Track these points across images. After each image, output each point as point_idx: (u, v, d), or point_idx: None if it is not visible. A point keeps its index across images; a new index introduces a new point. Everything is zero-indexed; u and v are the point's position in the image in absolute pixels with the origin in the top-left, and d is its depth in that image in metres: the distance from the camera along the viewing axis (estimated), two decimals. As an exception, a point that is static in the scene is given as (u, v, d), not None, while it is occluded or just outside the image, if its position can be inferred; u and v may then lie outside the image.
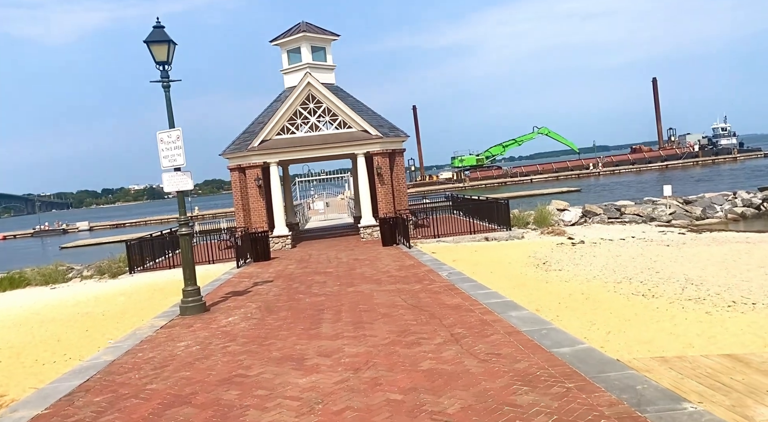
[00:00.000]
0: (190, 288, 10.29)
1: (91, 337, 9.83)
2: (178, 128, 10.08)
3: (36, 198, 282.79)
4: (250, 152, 21.64)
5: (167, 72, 9.98)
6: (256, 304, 10.65)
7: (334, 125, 22.21)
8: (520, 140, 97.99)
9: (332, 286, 11.90)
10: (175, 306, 11.34)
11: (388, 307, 9.10)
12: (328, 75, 23.40)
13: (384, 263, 14.72)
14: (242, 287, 13.23)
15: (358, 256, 17.09)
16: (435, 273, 12.07)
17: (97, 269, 22.30)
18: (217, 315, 9.93)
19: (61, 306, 14.32)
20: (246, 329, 8.56)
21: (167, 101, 10.06)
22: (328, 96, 21.81)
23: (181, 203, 10.56)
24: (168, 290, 14.88)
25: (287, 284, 12.78)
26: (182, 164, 10.21)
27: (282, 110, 21.77)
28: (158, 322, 9.80)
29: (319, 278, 13.34)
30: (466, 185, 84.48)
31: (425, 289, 10.33)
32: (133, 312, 12.09)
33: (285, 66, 23.66)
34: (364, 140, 21.93)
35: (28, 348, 9.50)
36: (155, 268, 20.46)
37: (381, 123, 23.06)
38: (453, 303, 8.83)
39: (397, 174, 23.15)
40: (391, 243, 19.26)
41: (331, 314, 9.04)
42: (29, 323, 12.27)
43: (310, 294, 11.11)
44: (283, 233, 22.00)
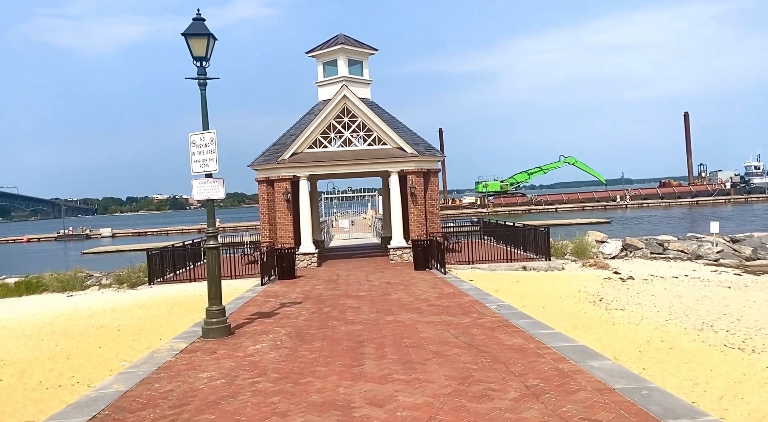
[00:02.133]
0: (214, 308, 9.28)
1: (103, 357, 8.85)
2: (213, 130, 9.20)
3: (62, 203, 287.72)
4: (280, 164, 20.82)
5: (204, 69, 9.15)
6: (285, 329, 9.59)
7: (368, 140, 21.33)
8: (546, 168, 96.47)
9: (368, 313, 10.80)
10: (196, 326, 10.34)
11: (438, 343, 7.96)
12: (364, 89, 22.63)
13: (420, 289, 13.59)
14: (268, 307, 12.20)
15: (390, 279, 15.98)
16: (481, 305, 10.90)
17: (116, 278, 21.51)
18: (243, 340, 8.89)
19: (75, 317, 13.44)
20: (277, 360, 7.48)
21: (203, 101, 9.21)
22: (364, 110, 20.98)
23: (211, 213, 9.63)
24: (188, 306, 13.93)
25: (317, 308, 11.71)
26: (214, 170, 9.30)
27: (315, 122, 20.97)
28: (178, 344, 8.79)
29: (352, 302, 12.26)
30: (489, 210, 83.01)
31: (476, 324, 9.17)
32: (151, 329, 11.13)
33: (320, 78, 22.95)
34: (398, 158, 20.99)
35: (34, 365, 8.55)
36: (175, 280, 19.58)
37: (417, 141, 22.13)
38: (514, 344, 7.66)
39: (431, 195, 22.10)
40: (424, 267, 18.14)
41: (373, 348, 7.93)
42: (40, 334, 11.38)
43: (345, 321, 10.02)
44: (310, 251, 21.01)
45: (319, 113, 21.21)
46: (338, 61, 22.04)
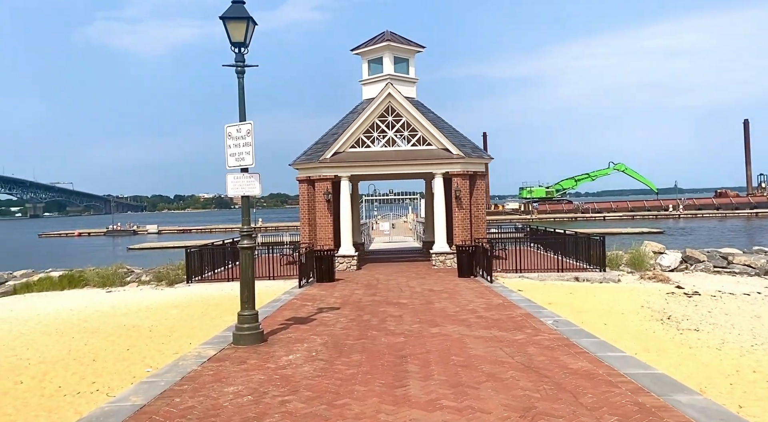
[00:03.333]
0: (246, 313, 8.65)
1: (129, 361, 8.33)
2: (249, 121, 8.58)
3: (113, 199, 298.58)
4: (321, 163, 20.25)
5: (243, 55, 8.55)
6: (321, 338, 8.86)
7: (412, 140, 20.52)
8: (594, 174, 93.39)
9: (410, 323, 9.97)
10: (228, 330, 9.75)
11: (491, 363, 7.06)
12: (410, 88, 21.85)
13: (466, 299, 12.66)
14: (305, 312, 11.53)
15: (432, 287, 15.11)
16: (535, 319, 9.91)
17: (155, 275, 21.38)
18: (276, 349, 8.20)
19: (110, 314, 13.13)
20: (311, 375, 6.74)
21: (240, 89, 8.61)
22: (409, 109, 20.19)
23: (246, 211, 9.02)
24: (223, 307, 13.44)
25: (356, 315, 10.95)
26: (250, 165, 8.68)
27: (359, 121, 20.31)
28: (206, 351, 8.18)
29: (393, 310, 11.45)
30: (533, 217, 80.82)
31: (532, 341, 8.21)
32: (182, 331, 10.62)
33: (365, 76, 22.31)
34: (443, 159, 20.10)
35: (57, 367, 8.10)
36: (213, 279, 19.25)
37: (463, 142, 21.19)
38: (580, 368, 6.69)
39: (477, 199, 21.10)
40: (469, 275, 17.17)
41: (417, 365, 7.10)
42: (72, 332, 11.04)
43: (386, 332, 9.22)
44: (350, 253, 20.34)
45: (362, 112, 20.56)
46: (384, 58, 21.35)
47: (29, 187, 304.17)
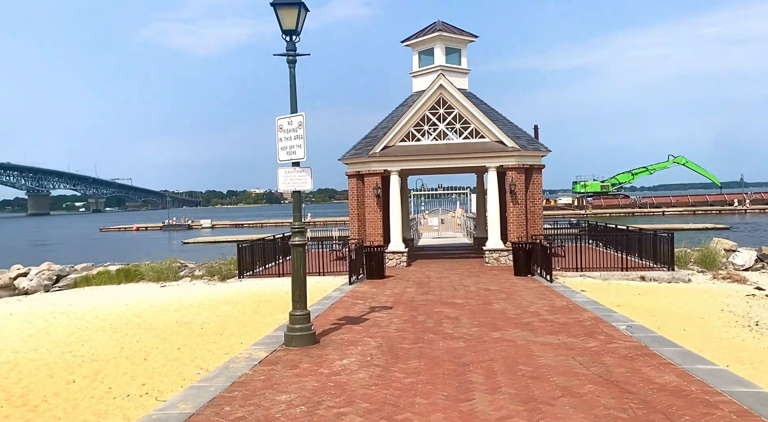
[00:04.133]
0: (298, 313, 8.28)
1: (179, 361, 8.12)
2: (301, 113, 8.18)
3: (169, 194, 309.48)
4: (370, 158, 19.82)
5: (294, 44, 8.15)
6: (375, 341, 8.41)
7: (464, 133, 19.80)
8: (653, 168, 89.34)
9: (468, 326, 9.38)
10: (280, 329, 9.44)
11: (564, 375, 6.41)
12: (462, 79, 21.10)
13: (526, 299, 11.95)
14: (356, 311, 11.12)
15: (488, 285, 14.43)
16: (606, 324, 9.13)
17: (208, 269, 21.55)
18: (329, 352, 7.80)
19: (163, 310, 13.13)
20: (367, 383, 6.28)
21: (291, 80, 8.22)
22: (461, 101, 19.47)
23: (297, 207, 8.65)
24: (274, 303, 13.23)
25: (410, 316, 10.45)
26: (302, 159, 8.29)
27: (409, 114, 19.75)
28: (257, 352, 7.86)
29: (448, 310, 10.88)
30: (587, 212, 78.14)
31: (607, 350, 7.48)
32: (233, 329, 10.41)
33: (415, 68, 21.73)
34: (498, 152, 19.29)
35: (109, 366, 7.97)
36: (264, 274, 19.18)
37: (518, 134, 20.29)
38: (668, 383, 5.95)
39: (533, 193, 20.18)
40: (526, 273, 16.38)
41: (481, 374, 6.52)
42: (126, 328, 11.02)
43: (443, 335, 8.67)
44: (399, 250, 19.86)
45: (412, 105, 19.98)
46: (435, 49, 20.70)
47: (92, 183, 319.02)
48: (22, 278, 26.10)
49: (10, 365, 8.33)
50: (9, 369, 8.05)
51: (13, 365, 8.33)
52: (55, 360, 8.54)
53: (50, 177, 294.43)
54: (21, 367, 8.15)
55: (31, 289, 23.68)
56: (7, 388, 7.10)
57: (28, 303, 15.90)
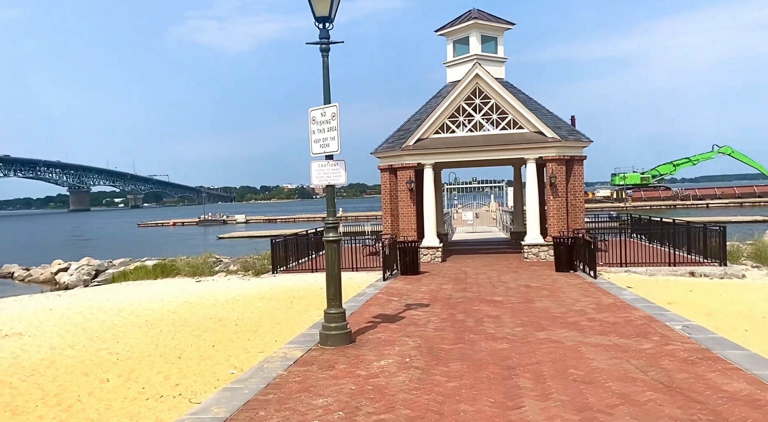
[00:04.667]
0: (333, 311, 7.99)
1: (213, 360, 7.94)
2: (335, 103, 7.86)
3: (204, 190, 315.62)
4: (403, 151, 19.42)
5: (327, 31, 7.82)
6: (413, 340, 8.05)
7: (501, 124, 19.20)
8: (696, 159, 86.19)
9: (511, 325, 8.93)
10: (314, 327, 9.18)
11: (619, 380, 5.93)
12: (498, 68, 20.46)
13: (570, 297, 11.40)
14: (392, 309, 10.79)
15: (528, 282, 13.90)
16: (660, 323, 8.56)
17: (242, 264, 21.59)
18: (366, 352, 7.48)
19: (198, 306, 13.08)
20: (407, 387, 5.94)
21: (324, 69, 7.89)
22: (499, 90, 18.87)
23: (331, 202, 8.34)
24: (308, 299, 13.03)
25: (448, 314, 10.06)
26: (335, 151, 7.97)
27: (444, 105, 19.25)
28: (292, 351, 7.61)
29: (488, 309, 10.45)
30: (627, 205, 75.93)
31: (664, 352, 6.95)
32: (268, 326, 10.22)
33: (449, 58, 21.19)
34: (537, 143, 18.64)
35: (143, 364, 7.84)
36: (298, 269, 19.05)
37: (558, 124, 19.57)
38: (739, 392, 5.42)
39: (574, 186, 19.45)
40: (568, 269, 15.76)
41: (529, 379, 6.10)
42: (161, 324, 10.96)
43: (485, 335, 8.25)
44: (434, 245, 19.45)
45: (447, 95, 19.48)
46: (470, 38, 20.11)
47: (130, 179, 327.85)
48: (63, 273, 26.75)
49: (48, 362, 8.31)
50: (46, 366, 8.01)
51: (50, 362, 8.30)
52: (91, 357, 8.48)
53: (90, 174, 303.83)
54: (57, 364, 8.11)
55: (71, 284, 24.22)
56: (43, 386, 7.03)
57: (67, 298, 16.12)
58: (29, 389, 6.92)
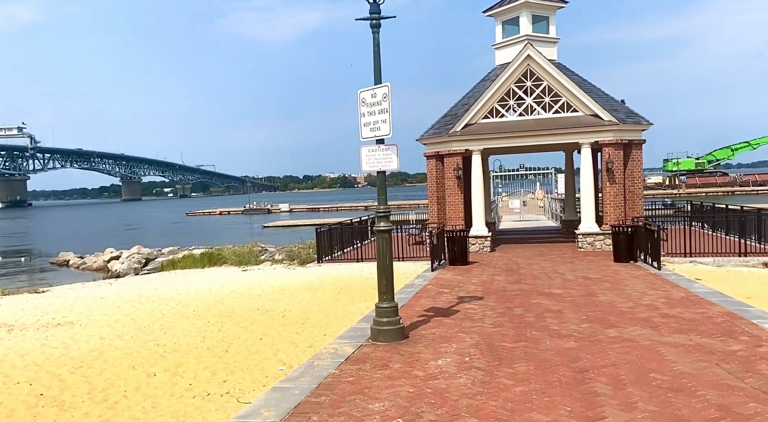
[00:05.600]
0: (385, 305, 7.54)
1: (261, 354, 7.63)
2: (386, 83, 7.34)
3: (249, 180, 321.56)
4: (450, 137, 18.75)
5: (378, 5, 7.29)
6: (470, 337, 7.53)
7: (554, 107, 18.25)
8: (756, 143, 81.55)
9: (575, 321, 8.28)
10: (364, 321, 8.78)
11: (712, 388, 5.25)
12: (550, 49, 19.45)
13: (636, 290, 10.60)
14: (444, 301, 10.27)
15: (587, 273, 13.11)
16: (744, 321, 7.74)
17: (287, 253, 21.49)
18: (421, 349, 7.00)
19: (244, 296, 12.91)
20: (470, 391, 5.43)
21: (375, 47, 7.38)
22: (552, 72, 17.92)
23: (382, 189, 7.85)
24: (355, 290, 12.66)
25: (505, 308, 9.46)
26: (387, 135, 7.47)
27: (493, 88, 18.44)
28: (343, 347, 7.21)
29: (547, 302, 9.79)
30: (680, 191, 72.71)
31: (757, 355, 6.19)
32: (316, 318, 9.88)
33: (498, 40, 20.29)
34: (593, 127, 17.64)
35: (190, 358, 7.61)
36: (343, 259, 18.74)
37: (615, 107, 18.47)
38: None
39: (632, 172, 18.36)
40: (627, 259, 14.85)
41: (606, 384, 5.49)
42: (208, 314, 10.80)
43: (549, 332, 7.64)
44: (482, 234, 18.77)
45: (496, 78, 18.65)
46: (520, 17, 19.16)
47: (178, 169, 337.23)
48: (115, 261, 27.39)
49: (96, 353, 8.20)
50: (94, 358, 7.90)
51: (99, 353, 8.19)
52: (138, 348, 8.33)
53: (141, 165, 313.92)
54: (106, 356, 7.99)
55: (122, 272, 24.71)
56: (91, 379, 6.88)
57: (118, 287, 16.31)
58: (77, 382, 6.77)
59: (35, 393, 6.41)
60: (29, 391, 6.51)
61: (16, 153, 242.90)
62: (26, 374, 7.28)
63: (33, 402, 6.09)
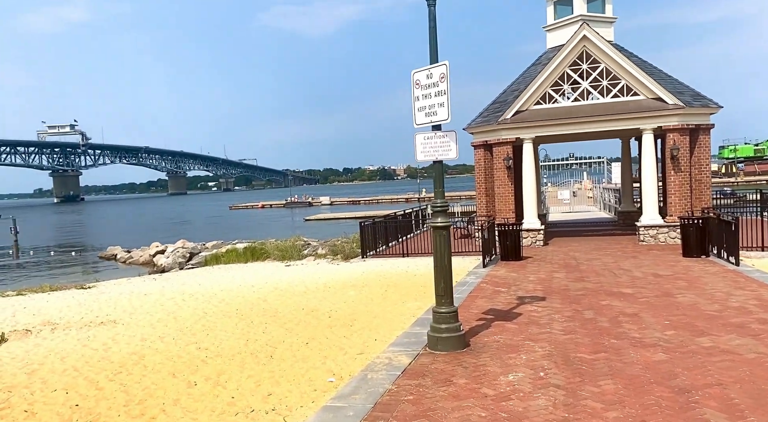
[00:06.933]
0: (444, 310, 6.79)
1: (308, 361, 7.02)
2: (444, 62, 6.55)
3: (290, 173, 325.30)
4: (500, 125, 17.76)
5: (435, -26, 6.51)
6: (540, 346, 6.71)
7: (613, 91, 17.01)
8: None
9: (658, 327, 7.33)
10: (417, 325, 8.08)
11: None
12: (607, 30, 18.17)
13: (717, 289, 9.51)
14: (502, 302, 9.45)
15: (655, 270, 12.02)
16: None
17: (330, 248, 21.01)
18: (486, 361, 6.24)
19: (288, 293, 12.40)
20: (553, 417, 4.64)
21: (431, 21, 6.59)
22: (610, 53, 16.68)
23: (439, 181, 7.08)
24: (403, 288, 11.96)
25: (573, 310, 8.58)
26: (445, 120, 6.69)
27: (546, 72, 17.32)
28: (398, 357, 6.52)
29: (619, 304, 8.85)
30: (738, 180, 68.95)
31: None
32: (364, 319, 9.24)
33: (550, 21, 19.13)
34: (656, 111, 16.35)
35: (233, 365, 7.07)
36: (387, 254, 18.08)
37: (680, 89, 17.08)
38: None
39: (699, 159, 16.98)
40: (698, 254, 13.64)
41: (718, 411, 4.61)
42: (252, 314, 10.31)
43: (630, 340, 6.74)
44: (535, 227, 17.78)
45: (549, 62, 17.52)
46: (575, -5, 17.95)
47: (221, 164, 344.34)
48: (160, 256, 27.55)
49: (137, 357, 7.78)
50: (134, 363, 7.47)
51: (139, 357, 7.77)
52: (179, 352, 7.87)
53: (186, 159, 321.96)
54: (146, 360, 7.55)
55: (167, 266, 24.78)
56: (128, 388, 6.42)
57: (162, 283, 16.12)
58: (114, 391, 6.32)
59: (71, 403, 5.98)
60: (64, 401, 6.09)
61: (68, 150, 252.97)
62: (64, 380, 6.90)
63: (67, 416, 5.65)
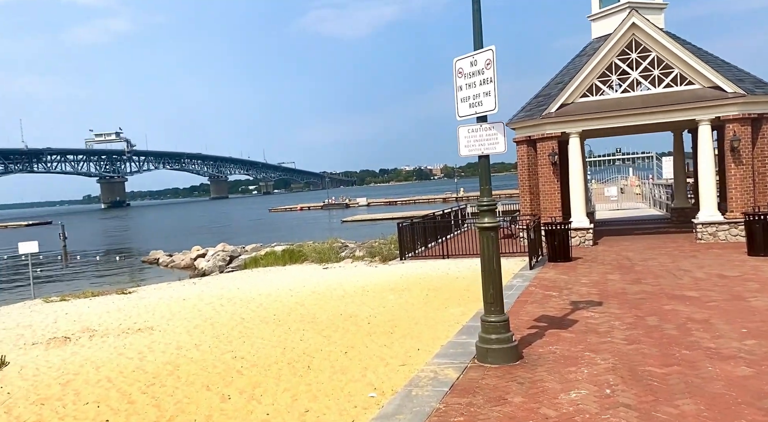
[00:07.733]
0: (494, 318, 6.22)
1: (348, 372, 6.57)
2: (490, 47, 5.99)
3: (327, 175, 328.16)
4: (544, 119, 16.97)
5: (479, -49, 5.96)
6: (602, 358, 6.06)
7: (665, 81, 16.02)
8: None
9: (735, 335, 6.57)
10: (463, 333, 7.53)
11: None
12: (657, 16, 17.14)
13: (796, 294, 8.60)
14: (554, 308, 8.79)
15: (720, 270, 11.09)
16: None
17: (368, 250, 20.60)
18: (543, 376, 5.65)
19: (326, 297, 12.03)
20: (628, 444, 4.04)
21: (474, 4, 6.03)
22: (661, 40, 15.70)
23: (485, 178, 6.50)
24: (444, 292, 11.42)
25: (634, 317, 7.85)
26: (491, 111, 6.13)
27: (593, 62, 16.45)
28: (444, 370, 5.99)
29: (685, 309, 8.07)
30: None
31: None
32: (405, 326, 8.75)
33: (595, 10, 18.25)
34: (713, 100, 15.27)
35: (269, 377, 6.69)
36: (427, 255, 17.54)
37: (740, 76, 15.93)
38: None
39: (762, 150, 15.78)
40: (766, 252, 12.59)
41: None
42: (289, 320, 9.96)
43: (704, 351, 6.02)
44: (584, 226, 16.91)
45: (595, 52, 16.64)
46: (621, -19, 17.02)
47: (261, 168, 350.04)
48: (201, 259, 27.75)
49: (171, 366, 7.51)
50: (168, 373, 7.19)
51: (173, 367, 7.50)
52: (215, 362, 7.56)
53: (227, 164, 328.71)
54: (180, 371, 7.26)
55: (207, 270, 24.89)
56: (160, 402, 6.12)
57: (201, 287, 16.03)
58: (145, 406, 6.02)
59: (101, 419, 5.71)
60: (95, 416, 5.83)
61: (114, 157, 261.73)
62: (97, 392, 6.66)
63: (96, 432, 5.37)
